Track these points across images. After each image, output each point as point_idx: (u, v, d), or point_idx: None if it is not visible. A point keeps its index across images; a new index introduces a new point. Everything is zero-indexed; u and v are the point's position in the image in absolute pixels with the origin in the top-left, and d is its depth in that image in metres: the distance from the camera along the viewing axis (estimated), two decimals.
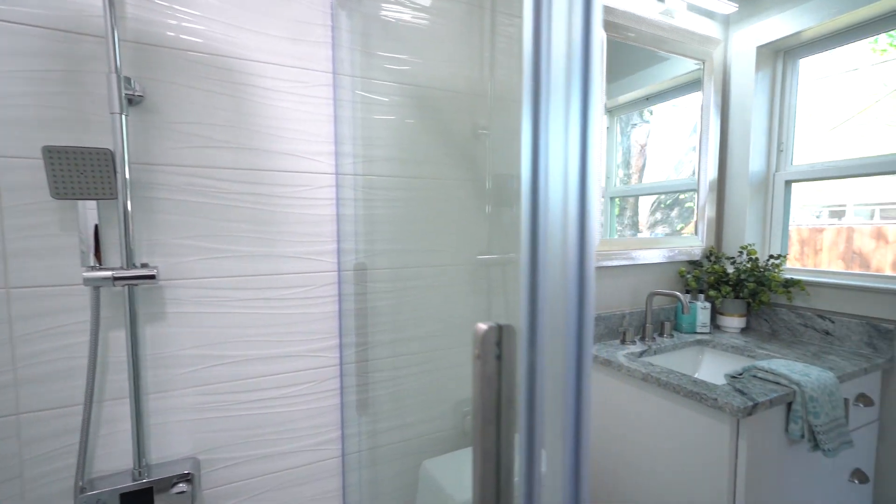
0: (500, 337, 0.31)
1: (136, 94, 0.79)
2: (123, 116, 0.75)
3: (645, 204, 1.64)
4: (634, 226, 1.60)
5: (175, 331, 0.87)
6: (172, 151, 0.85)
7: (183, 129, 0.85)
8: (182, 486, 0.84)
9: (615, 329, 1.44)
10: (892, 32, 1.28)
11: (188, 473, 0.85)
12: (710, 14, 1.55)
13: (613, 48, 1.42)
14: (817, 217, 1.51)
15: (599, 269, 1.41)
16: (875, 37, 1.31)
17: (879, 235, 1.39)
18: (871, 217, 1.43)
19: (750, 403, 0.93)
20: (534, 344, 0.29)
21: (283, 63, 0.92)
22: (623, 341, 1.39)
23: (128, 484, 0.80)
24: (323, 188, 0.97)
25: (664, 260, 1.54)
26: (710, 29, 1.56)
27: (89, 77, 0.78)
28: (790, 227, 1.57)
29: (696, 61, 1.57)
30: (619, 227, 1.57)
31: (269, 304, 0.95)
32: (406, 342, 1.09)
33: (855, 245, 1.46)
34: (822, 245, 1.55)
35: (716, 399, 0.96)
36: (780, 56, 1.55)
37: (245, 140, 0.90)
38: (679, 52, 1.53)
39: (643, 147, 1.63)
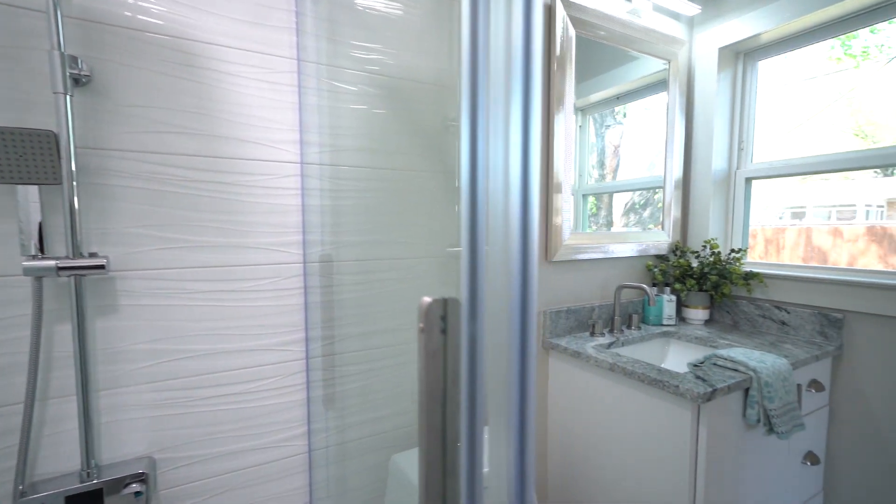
0: (444, 310, 0.31)
1: (83, 73, 0.74)
2: (68, 97, 0.71)
3: (620, 203, 1.68)
4: (609, 224, 1.64)
5: (129, 324, 0.83)
6: (126, 136, 0.81)
7: (137, 113, 0.81)
8: (135, 487, 0.80)
9: (585, 322, 1.46)
10: (846, 38, 1.35)
11: (142, 473, 0.81)
12: (675, 15, 1.60)
13: (584, 46, 1.44)
14: (780, 218, 1.57)
15: (569, 262, 1.43)
16: (830, 41, 1.38)
17: (836, 234, 1.46)
18: (829, 218, 1.50)
19: (709, 389, 0.96)
20: (474, 317, 0.29)
21: (246, 48, 0.89)
22: (592, 333, 1.41)
23: (74, 486, 0.76)
24: (288, 177, 0.95)
25: (632, 254, 1.57)
26: (676, 30, 1.61)
27: (32, 54, 0.73)
28: (757, 227, 1.63)
29: (663, 61, 1.62)
30: (593, 226, 1.60)
31: (232, 296, 0.92)
32: (374, 335, 1.07)
33: (814, 243, 1.53)
34: (785, 244, 1.62)
35: (677, 386, 0.99)
36: (741, 58, 1.61)
37: (205, 126, 0.87)
38: (647, 52, 1.57)
39: (617, 148, 1.67)
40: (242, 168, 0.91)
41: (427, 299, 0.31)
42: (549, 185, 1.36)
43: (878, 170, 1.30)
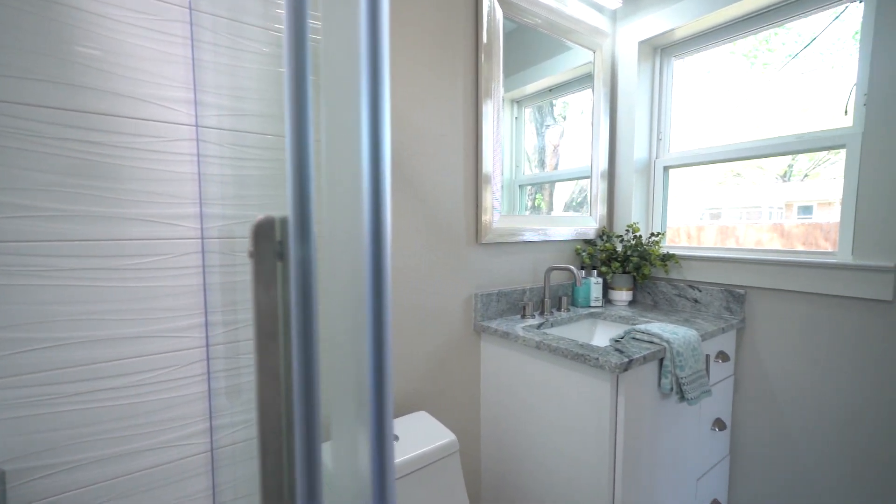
0: (282, 233, 0.25)
1: None
2: None
3: (563, 194, 1.72)
4: (549, 213, 1.69)
5: None
6: None
7: None
8: None
9: (517, 305, 1.47)
10: (757, 40, 1.47)
11: None
12: (599, 8, 1.65)
13: (516, 35, 1.46)
14: (700, 218, 1.68)
15: (500, 245, 1.43)
16: (737, 42, 1.49)
17: (746, 230, 1.59)
18: (740, 218, 1.64)
19: (626, 360, 0.98)
20: (305, 238, 0.24)
21: None
22: (523, 316, 1.42)
23: None
24: (180, 142, 0.84)
25: (562, 238, 1.61)
26: (600, 22, 1.67)
27: None
28: (682, 225, 1.73)
29: (590, 52, 1.67)
30: (528, 213, 1.61)
31: (111, 275, 0.79)
32: None
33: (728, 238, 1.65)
34: (705, 240, 1.73)
35: (597, 358, 1.01)
36: (658, 52, 1.70)
37: (76, 76, 0.74)
38: (574, 41, 1.61)
39: (556, 147, 1.72)
40: (122, 127, 0.79)
41: (260, 217, 0.25)
42: (478, 173, 1.34)
43: (779, 176, 1.43)
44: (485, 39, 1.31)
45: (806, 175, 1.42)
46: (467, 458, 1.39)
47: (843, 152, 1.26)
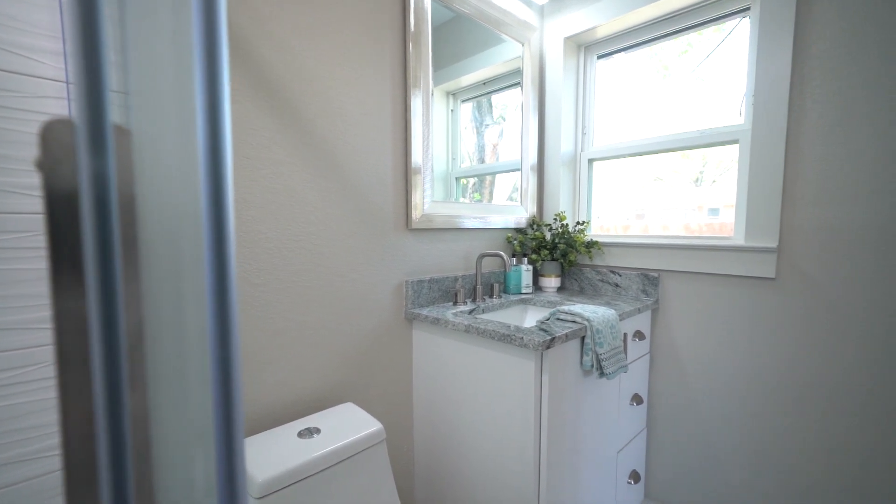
0: (91, 140, 0.20)
1: None
2: None
3: (502, 192, 1.75)
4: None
5: None
6: None
7: None
8: None
9: (449, 292, 1.46)
10: (675, 42, 1.58)
11: None
12: (527, 1, 1.70)
13: (448, 26, 1.45)
14: (627, 219, 1.78)
15: (432, 231, 1.41)
16: (656, 46, 1.60)
17: (665, 228, 1.71)
18: (660, 218, 1.76)
19: (548, 337, 1.00)
20: (101, 149, 0.19)
21: None
22: (455, 302, 1.41)
23: None
24: (44, 99, 0.71)
25: (494, 227, 1.63)
26: (529, 16, 1.71)
27: None
28: (611, 225, 1.82)
29: (519, 45, 1.71)
30: (464, 201, 1.61)
31: None
32: None
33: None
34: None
35: (522, 338, 1.02)
36: (582, 50, 1.78)
37: None
38: (505, 33, 1.64)
39: (496, 147, 1.75)
40: None
41: (46, 119, 0.20)
42: (407, 158, 1.31)
43: (693, 181, 1.55)
44: (412, 27, 1.28)
45: (714, 181, 1.56)
46: (399, 448, 1.35)
47: (737, 148, 1.40)
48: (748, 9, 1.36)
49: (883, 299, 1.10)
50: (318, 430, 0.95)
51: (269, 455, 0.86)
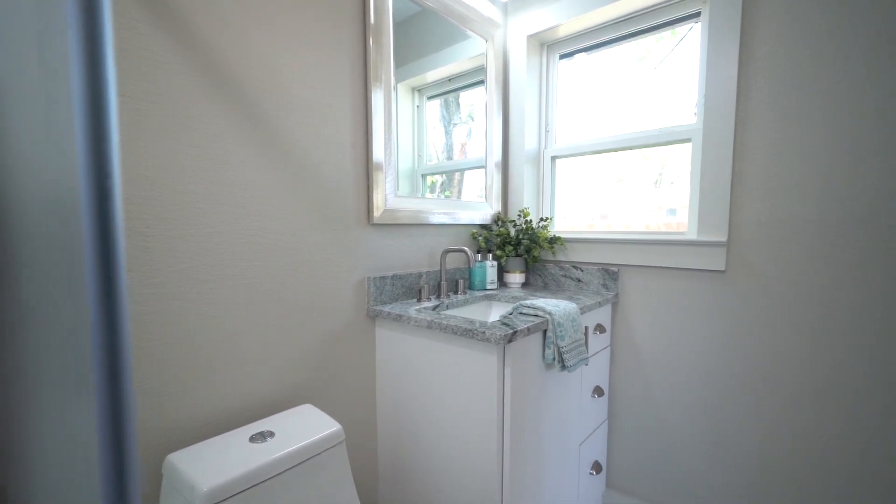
0: None
1: None
2: None
3: (471, 190, 1.74)
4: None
5: None
6: None
7: None
8: None
9: (413, 288, 1.44)
10: (636, 44, 1.62)
11: None
12: None
13: (417, 20, 1.44)
14: (592, 219, 1.82)
15: (395, 227, 1.39)
16: (616, 48, 1.64)
17: (627, 227, 1.75)
18: (622, 218, 1.81)
19: (510, 331, 1.00)
20: None
21: None
22: (419, 299, 1.39)
23: None
24: None
25: (459, 223, 1.62)
26: (493, 12, 1.71)
27: None
28: (582, 225, 1.85)
29: (483, 41, 1.71)
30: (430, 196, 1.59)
31: None
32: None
33: None
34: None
35: (484, 332, 1.01)
36: (545, 48, 1.81)
37: None
38: (469, 28, 1.63)
39: (464, 146, 1.74)
40: None
41: None
42: (368, 151, 1.28)
43: (653, 183, 1.60)
44: (372, 20, 1.25)
45: (672, 182, 1.62)
46: (363, 447, 1.32)
47: (690, 146, 1.45)
48: (699, 14, 1.42)
49: (821, 288, 1.17)
50: (271, 434, 0.90)
51: (216, 462, 0.81)
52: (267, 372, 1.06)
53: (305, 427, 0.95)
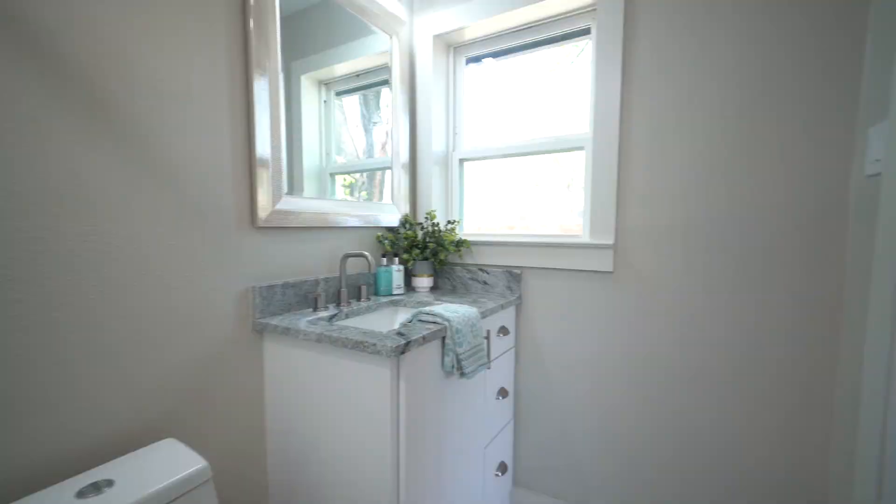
0: None
1: None
2: None
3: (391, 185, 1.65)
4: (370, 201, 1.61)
5: None
6: None
7: None
8: None
9: (308, 296, 1.33)
10: (554, 49, 1.65)
11: None
12: None
13: (319, 11, 1.34)
14: (512, 221, 1.82)
15: (287, 230, 1.26)
16: (531, 53, 1.67)
17: (545, 231, 1.79)
18: (538, 220, 1.85)
19: (403, 342, 0.95)
20: None
21: None
22: (315, 308, 1.29)
23: None
24: None
25: (361, 226, 1.54)
26: (398, 9, 1.66)
27: None
28: (496, 228, 1.84)
29: (388, 37, 1.64)
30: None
31: None
32: None
33: None
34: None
35: (375, 344, 0.95)
36: (452, 50, 1.80)
37: None
38: (373, 23, 1.56)
39: (384, 145, 1.65)
40: None
41: None
42: (251, 151, 1.14)
43: (566, 186, 1.66)
44: (252, 0, 1.12)
45: (582, 186, 1.69)
46: (247, 480, 1.17)
47: (584, 154, 1.53)
48: (589, 30, 1.50)
49: (689, 287, 1.30)
50: (109, 483, 0.75)
51: None
52: (114, 406, 0.89)
53: (159, 469, 0.80)
